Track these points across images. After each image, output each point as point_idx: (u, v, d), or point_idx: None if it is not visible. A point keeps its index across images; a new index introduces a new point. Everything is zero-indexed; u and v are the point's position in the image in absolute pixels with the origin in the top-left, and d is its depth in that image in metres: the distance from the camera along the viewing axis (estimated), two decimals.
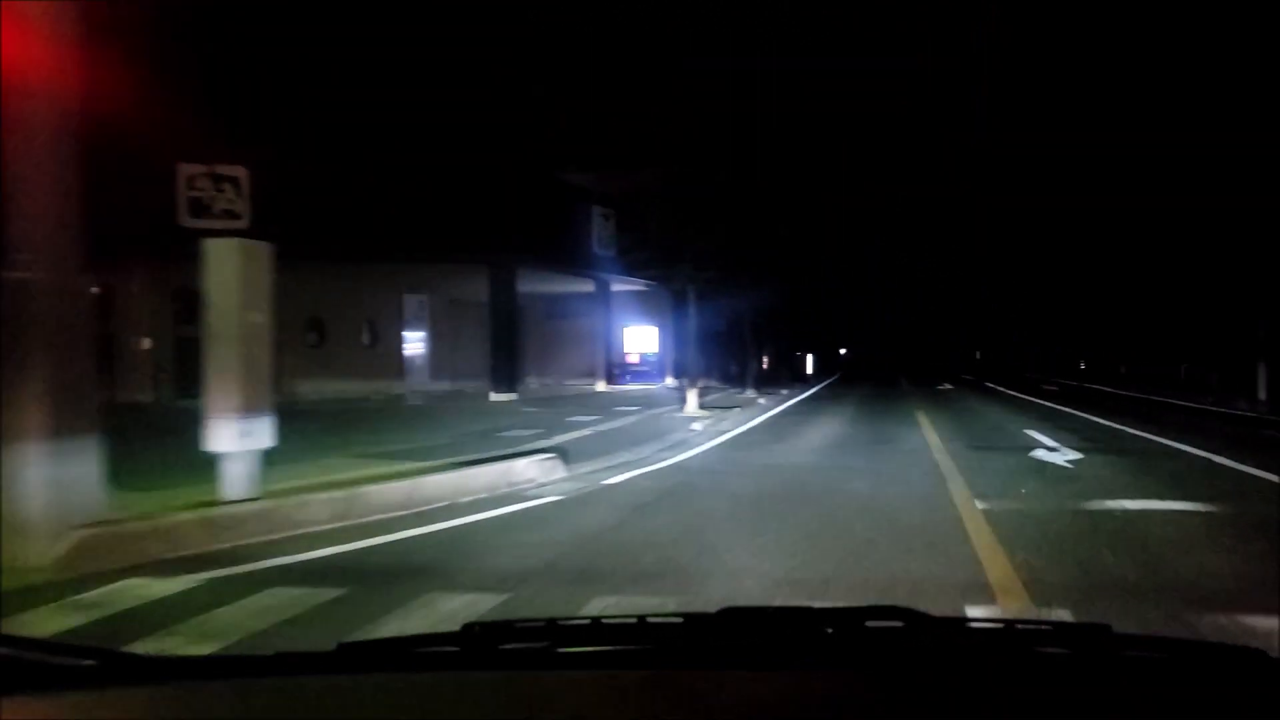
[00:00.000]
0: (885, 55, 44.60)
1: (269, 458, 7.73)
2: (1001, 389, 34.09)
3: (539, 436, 13.77)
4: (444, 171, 22.07)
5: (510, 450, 11.26)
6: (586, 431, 15.12)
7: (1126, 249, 40.24)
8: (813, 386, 38.16)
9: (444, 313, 31.07)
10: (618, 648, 1.54)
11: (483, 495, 8.64)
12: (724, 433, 15.87)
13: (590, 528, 7.24)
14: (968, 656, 1.54)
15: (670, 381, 34.56)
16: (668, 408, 20.27)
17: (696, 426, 16.70)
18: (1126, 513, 7.51)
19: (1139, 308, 41.59)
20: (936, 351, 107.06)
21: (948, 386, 37.60)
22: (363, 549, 6.46)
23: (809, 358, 52.54)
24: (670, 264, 19.81)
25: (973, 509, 7.63)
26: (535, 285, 30.59)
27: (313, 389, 23.53)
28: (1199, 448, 12.55)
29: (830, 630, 1.57)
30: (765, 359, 53.91)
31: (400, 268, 25.08)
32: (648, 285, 32.28)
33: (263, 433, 7.47)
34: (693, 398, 19.53)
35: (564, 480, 9.83)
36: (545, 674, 1.48)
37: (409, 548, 6.54)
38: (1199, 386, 29.83)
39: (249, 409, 7.33)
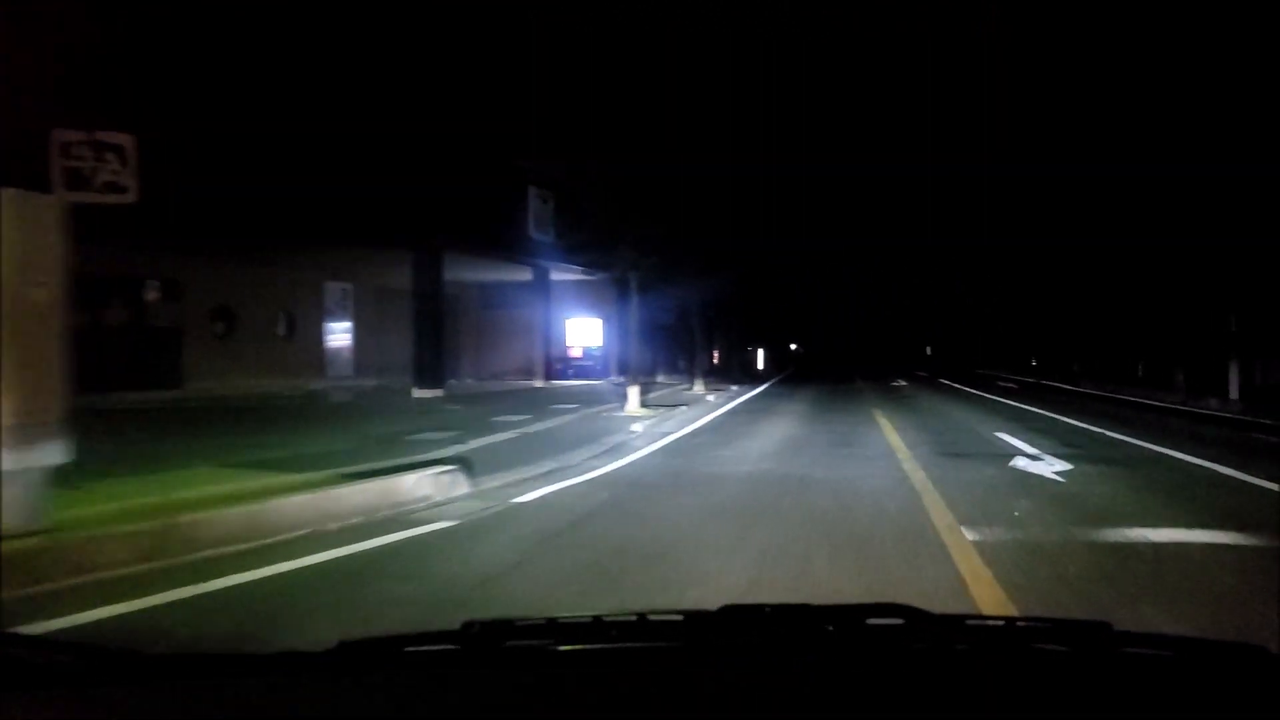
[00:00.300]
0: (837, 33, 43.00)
1: (105, 471, 6.02)
2: (958, 386, 33.10)
3: (453, 440, 12.10)
4: (364, 146, 20.20)
5: (408, 460, 9.58)
6: (510, 434, 13.48)
7: (1079, 243, 39.65)
8: (764, 382, 36.87)
9: (371, 302, 29.13)
10: (618, 645, 1.57)
11: (357, 520, 6.97)
12: (666, 435, 14.34)
13: (476, 571, 5.61)
14: (968, 654, 1.57)
15: (616, 377, 33.06)
16: (608, 406, 18.69)
17: (636, 428, 15.15)
18: (1155, 547, 6.06)
19: (1091, 303, 40.90)
20: (888, 347, 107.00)
21: (902, 383, 36.56)
22: (155, 606, 4.76)
23: (760, 353, 51.29)
24: (609, 248, 18.17)
25: (962, 541, 6.14)
26: (470, 273, 28.85)
27: (219, 385, 21.55)
28: (1192, 454, 11.31)
29: (831, 628, 1.61)
30: (716, 354, 52.67)
31: (320, 252, 23.13)
32: (592, 275, 30.71)
33: (50, 444, 5.74)
34: (634, 395, 17.98)
35: (466, 498, 8.19)
36: (545, 672, 1.50)
37: (220, 603, 4.86)
38: (1161, 384, 29.02)
39: (30, 414, 5.60)
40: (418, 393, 21.13)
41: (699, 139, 26.91)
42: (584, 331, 33.00)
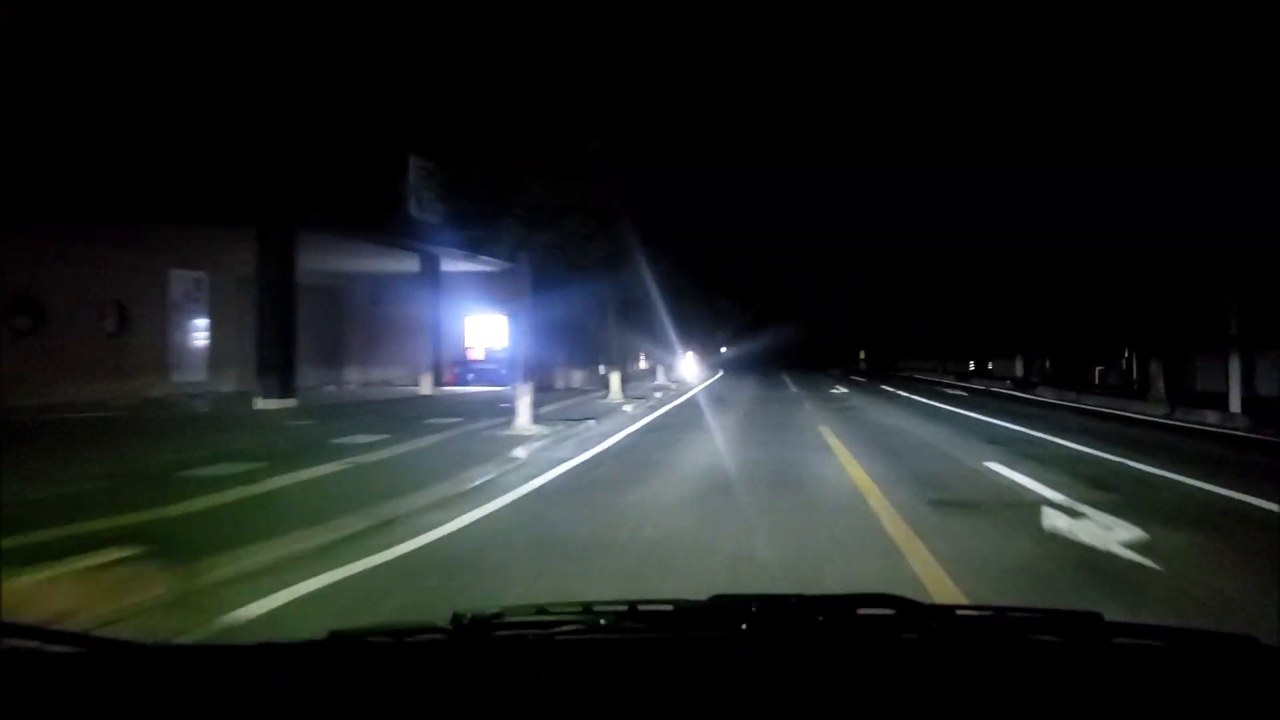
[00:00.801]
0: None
1: None
2: (904, 394, 30.22)
3: (242, 479, 8.55)
4: (200, 104, 16.29)
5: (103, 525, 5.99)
6: (336, 467, 9.91)
7: (1035, 241, 37.28)
8: (692, 388, 33.63)
9: (233, 295, 25.03)
10: (609, 635, 1.62)
11: None
12: (555, 465, 10.90)
13: None
14: (961, 644, 1.61)
15: (524, 383, 29.44)
16: (497, 421, 15.21)
17: (520, 453, 11.68)
18: None
19: (1044, 302, 38.56)
20: (820, 350, 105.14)
21: (842, 390, 33.64)
22: None
23: (690, 356, 48.13)
24: (493, 219, 14.56)
25: None
26: (353, 261, 24.99)
27: (19, 392, 17.45)
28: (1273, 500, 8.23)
29: (821, 618, 1.64)
30: (644, 357, 49.40)
31: (148, 231, 19.12)
32: (496, 265, 27.12)
33: None
34: (525, 408, 14.49)
35: (143, 610, 4.66)
36: (536, 661, 1.53)
37: None
38: (1127, 392, 26.54)
39: None
40: (262, 403, 17.31)
41: (613, 110, 23.55)
42: (486, 330, 29.32)
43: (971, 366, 58.72)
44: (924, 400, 25.76)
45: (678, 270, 43.72)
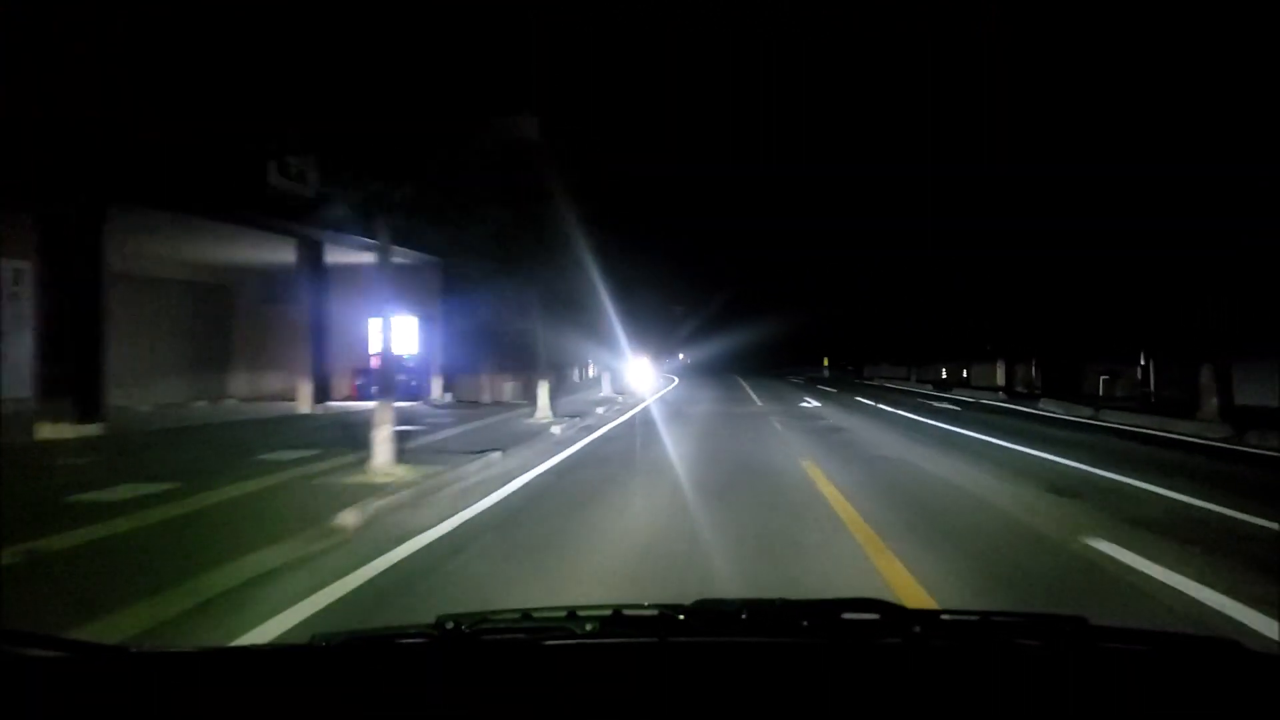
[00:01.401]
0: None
1: None
2: (887, 408, 26.30)
3: None
4: None
5: None
6: (38, 547, 5.75)
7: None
8: (641, 401, 29.56)
9: None
10: (593, 639, 1.63)
11: None
12: (403, 541, 6.82)
13: None
14: (946, 649, 1.60)
15: (439, 396, 25.14)
16: (352, 459, 11.06)
17: (350, 519, 7.53)
18: None
19: (1025, 299, 35.20)
20: (779, 356, 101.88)
21: (813, 403, 29.69)
22: None
23: (642, 364, 44.07)
24: (367, 203, 10.25)
25: None
26: (239, 251, 20.57)
27: None
28: None
29: (806, 623, 1.63)
30: (591, 366, 45.30)
31: None
32: (410, 259, 22.93)
33: None
34: (384, 441, 10.24)
35: None
36: (522, 664, 1.53)
37: None
38: (1146, 404, 23.01)
39: None
40: (49, 430, 12.95)
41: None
42: (395, 334, 24.98)
43: (943, 374, 55.52)
44: (915, 417, 21.81)
45: (631, 269, 39.97)
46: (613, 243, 32.16)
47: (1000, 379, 44.73)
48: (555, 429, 17.27)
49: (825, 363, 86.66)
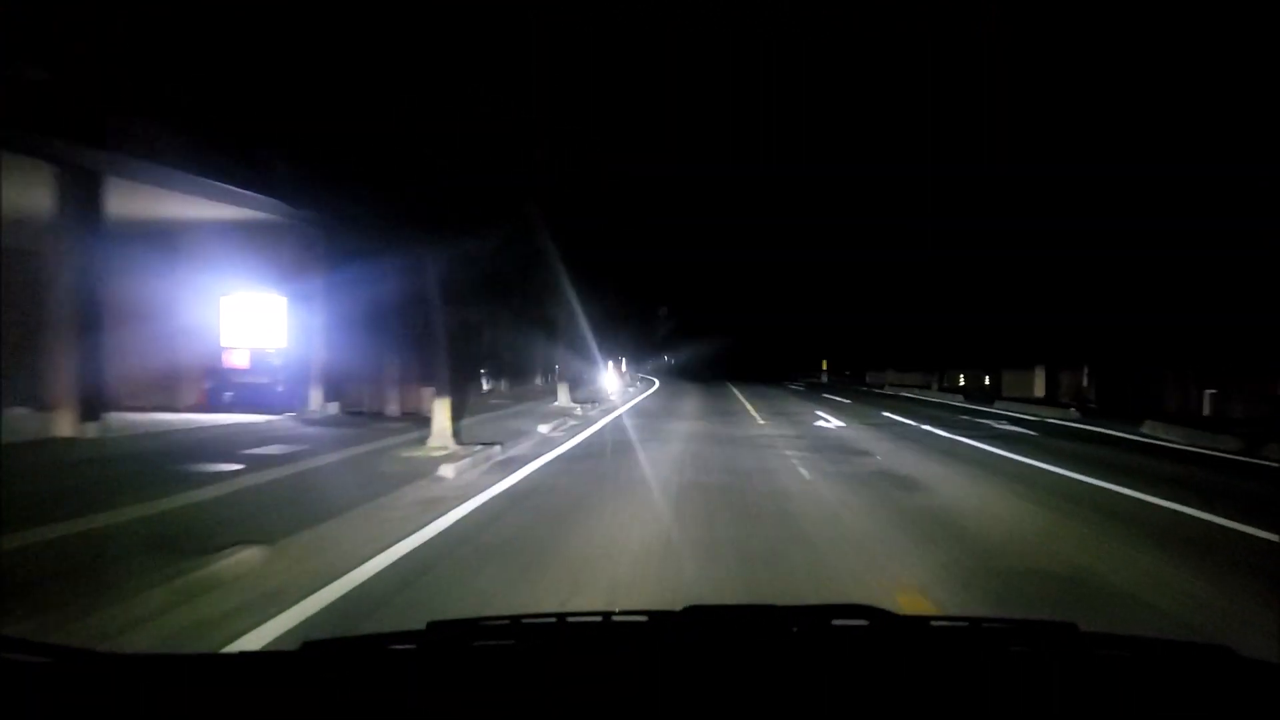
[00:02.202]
0: None
1: None
2: (939, 432, 19.74)
3: None
4: None
5: None
6: None
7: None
8: (603, 416, 22.89)
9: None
10: (582, 645, 1.65)
11: None
12: None
13: None
14: (936, 657, 1.58)
15: (317, 406, 18.41)
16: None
17: None
18: None
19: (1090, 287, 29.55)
20: (771, 358, 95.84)
21: (833, 422, 22.90)
22: None
23: (610, 367, 37.45)
24: None
25: None
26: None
27: None
28: None
29: (796, 629, 1.65)
30: (557, 369, 38.81)
31: None
32: (280, 214, 16.56)
33: None
34: None
35: None
36: (511, 671, 1.52)
37: None
38: (1257, 426, 16.66)
39: None
40: None
41: None
42: (255, 322, 18.22)
43: (986, 382, 49.03)
44: (1004, 454, 14.62)
45: (602, 263, 34.17)
46: (580, 233, 26.40)
47: (1039, 389, 38.40)
48: (446, 470, 10.73)
49: (824, 366, 79.90)
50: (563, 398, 25.40)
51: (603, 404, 27.73)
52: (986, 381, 45.75)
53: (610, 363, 37.01)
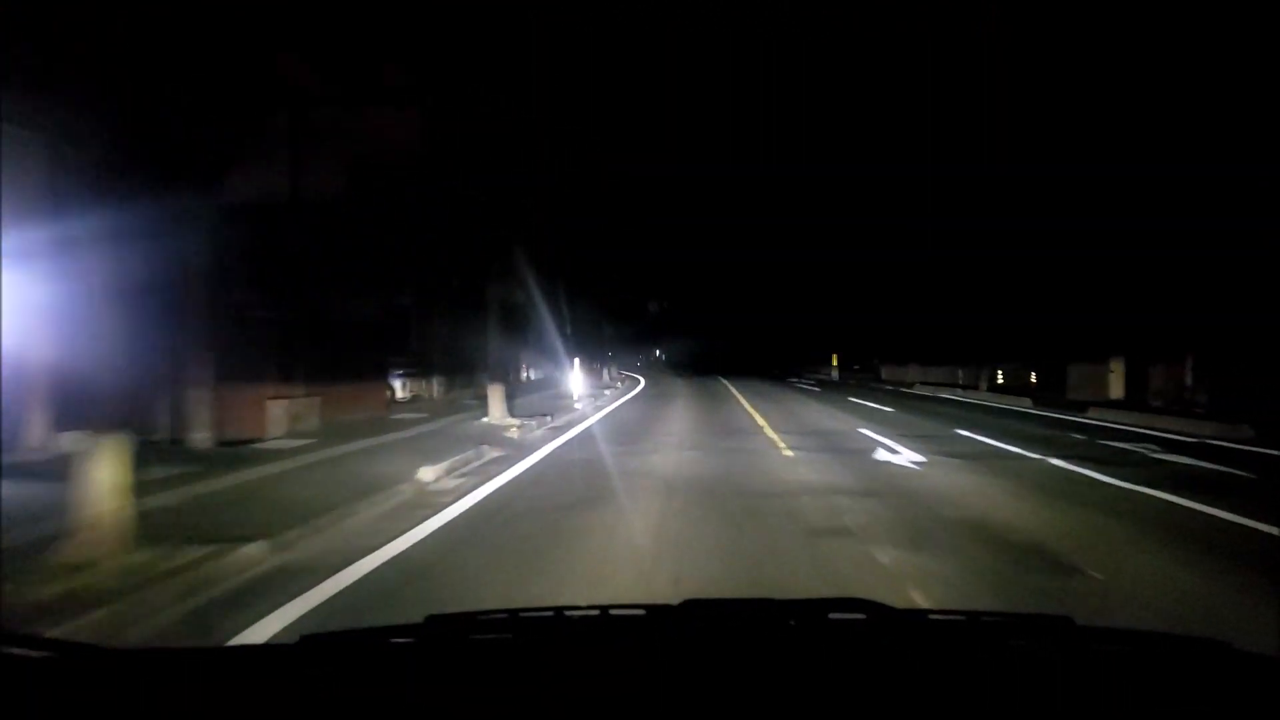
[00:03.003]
0: None
1: None
2: (1060, 462, 12.56)
3: None
4: None
5: None
6: None
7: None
8: (551, 440, 15.62)
9: None
10: (580, 639, 1.65)
11: None
12: None
13: None
14: (934, 650, 1.56)
15: (36, 443, 11.13)
16: None
17: None
18: None
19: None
20: (771, 351, 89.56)
21: (903, 452, 15.59)
22: None
23: (577, 366, 30.17)
24: None
25: None
26: None
27: None
28: None
29: (793, 623, 1.65)
30: (489, 370, 31.71)
31: None
32: None
33: None
34: None
35: None
36: (509, 664, 1.52)
37: None
38: None
39: None
40: None
41: None
42: None
43: (1000, 378, 42.20)
44: (1073, 466, 7.89)
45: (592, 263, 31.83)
46: (577, 232, 25.87)
47: (1116, 388, 31.26)
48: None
49: (834, 362, 72.55)
50: (495, 412, 18.02)
51: (559, 416, 20.37)
52: (1033, 378, 38.75)
53: (579, 361, 29.80)
